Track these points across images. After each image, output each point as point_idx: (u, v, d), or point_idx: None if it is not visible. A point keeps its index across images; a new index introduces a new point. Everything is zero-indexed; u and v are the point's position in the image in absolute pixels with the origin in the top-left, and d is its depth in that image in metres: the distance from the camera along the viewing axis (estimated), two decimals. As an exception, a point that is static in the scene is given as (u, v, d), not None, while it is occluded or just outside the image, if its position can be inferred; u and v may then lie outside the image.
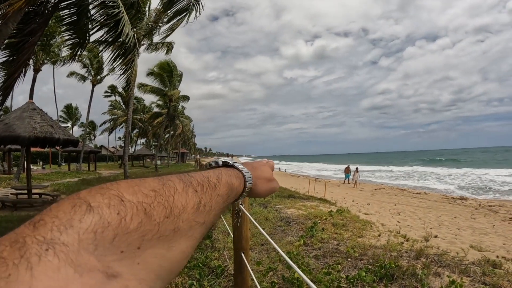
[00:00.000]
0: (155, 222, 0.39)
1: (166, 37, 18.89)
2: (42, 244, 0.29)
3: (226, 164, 0.73)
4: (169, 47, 27.69)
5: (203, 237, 0.52)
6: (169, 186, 0.45)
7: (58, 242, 0.30)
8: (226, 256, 5.21)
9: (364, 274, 4.38)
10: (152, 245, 0.38)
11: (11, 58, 9.11)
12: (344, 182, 36.89)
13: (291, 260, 4.92)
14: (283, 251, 5.25)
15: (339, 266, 4.81)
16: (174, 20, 15.79)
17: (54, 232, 0.31)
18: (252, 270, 4.40)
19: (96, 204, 0.35)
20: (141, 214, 0.37)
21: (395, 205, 18.21)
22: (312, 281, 4.25)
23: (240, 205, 3.00)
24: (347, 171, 36.72)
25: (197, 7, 14.41)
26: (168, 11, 15.50)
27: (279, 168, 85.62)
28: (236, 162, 0.74)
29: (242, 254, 3.10)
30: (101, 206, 0.35)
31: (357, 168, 33.96)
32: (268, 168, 0.86)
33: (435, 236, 9.35)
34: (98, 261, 0.32)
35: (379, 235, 7.08)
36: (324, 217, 8.28)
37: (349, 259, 5.20)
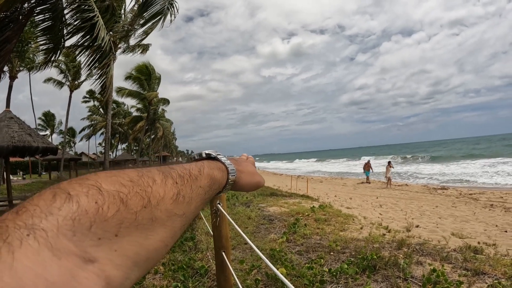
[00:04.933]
0: (132, 211, 0.41)
1: (141, 40, 18.75)
2: (23, 229, 0.32)
3: (209, 157, 0.75)
4: (145, 48, 27.48)
5: (185, 228, 0.54)
6: (148, 177, 0.47)
7: (38, 228, 0.32)
8: (210, 257, 5.22)
9: (346, 266, 4.44)
10: (130, 233, 0.40)
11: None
12: (367, 181, 29.33)
13: (274, 256, 4.97)
14: (266, 249, 5.27)
15: (322, 260, 4.85)
16: (149, 24, 15.69)
17: (35, 218, 0.33)
18: (235, 268, 4.42)
19: (75, 193, 0.37)
20: (118, 203, 0.40)
21: (377, 198, 18.40)
22: (295, 276, 4.29)
23: (218, 205, 3.01)
24: (366, 167, 29.68)
25: (172, 10, 14.36)
26: (144, 14, 15.37)
27: (258, 168, 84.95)
28: (219, 154, 0.76)
29: (223, 253, 3.11)
30: (80, 195, 0.37)
31: (389, 162, 26.66)
32: (250, 163, 0.90)
33: (417, 226, 9.49)
34: (75, 247, 0.34)
35: (361, 228, 7.16)
36: (307, 213, 8.33)
37: (332, 253, 5.25)
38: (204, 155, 0.75)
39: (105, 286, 0.36)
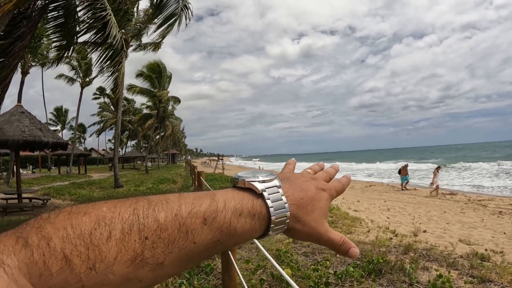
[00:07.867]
0: (76, 272, 0.39)
1: (158, 44, 18.73)
2: None
3: (253, 189, 0.55)
4: (157, 46, 27.56)
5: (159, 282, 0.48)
6: (104, 230, 0.42)
7: (6, 263, 0.37)
8: (215, 255, 5.24)
9: (352, 269, 4.44)
10: None
11: (1, 62, 9.05)
12: (402, 187, 24.75)
13: (280, 257, 4.97)
14: (272, 249, 5.27)
15: (328, 262, 4.86)
16: (164, 26, 15.72)
17: (2, 255, 0.37)
18: (241, 268, 4.44)
19: (30, 242, 0.39)
20: (61, 262, 0.39)
21: (385, 201, 18.27)
22: (300, 277, 4.29)
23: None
24: (403, 172, 24.92)
25: (186, 13, 14.37)
26: (158, 16, 15.41)
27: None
28: (276, 186, 0.56)
29: (229, 252, 3.13)
30: (33, 244, 0.39)
31: (438, 167, 22.94)
32: (331, 192, 0.62)
33: (424, 231, 9.43)
34: (33, 287, 0.37)
35: (368, 231, 7.16)
36: (314, 215, 8.32)
37: (338, 256, 5.25)
38: (246, 184, 0.55)
39: None
